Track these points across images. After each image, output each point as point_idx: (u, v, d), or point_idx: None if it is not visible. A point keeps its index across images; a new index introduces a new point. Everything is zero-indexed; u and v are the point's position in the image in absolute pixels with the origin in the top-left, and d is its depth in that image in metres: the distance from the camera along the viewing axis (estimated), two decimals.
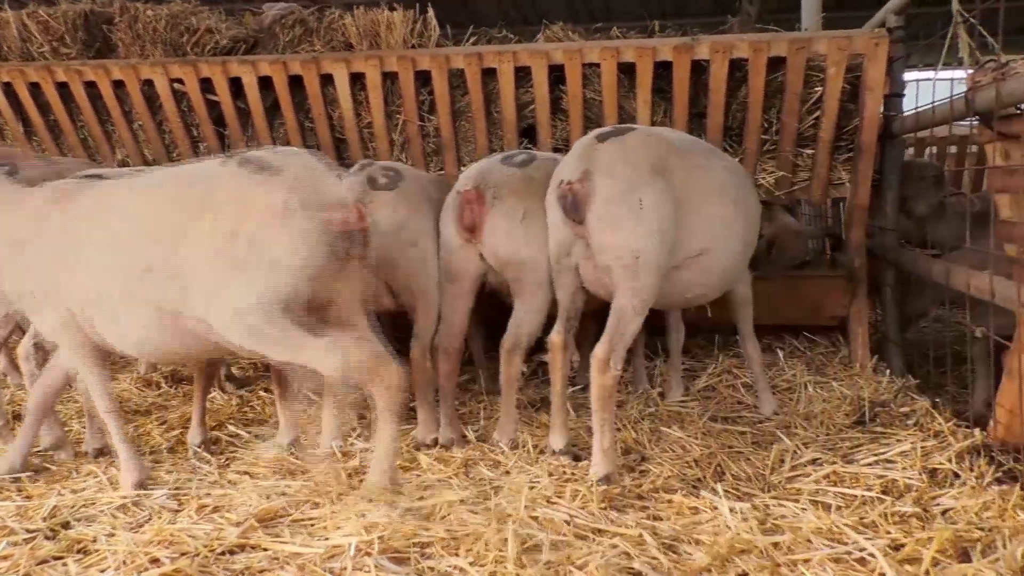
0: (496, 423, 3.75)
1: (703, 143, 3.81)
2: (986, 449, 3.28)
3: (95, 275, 2.98)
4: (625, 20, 11.96)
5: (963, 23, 3.33)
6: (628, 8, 13.75)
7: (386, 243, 3.52)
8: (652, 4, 13.98)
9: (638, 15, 13.54)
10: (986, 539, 2.53)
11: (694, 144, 3.64)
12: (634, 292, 3.17)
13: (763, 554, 2.54)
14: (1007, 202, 3.26)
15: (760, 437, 3.73)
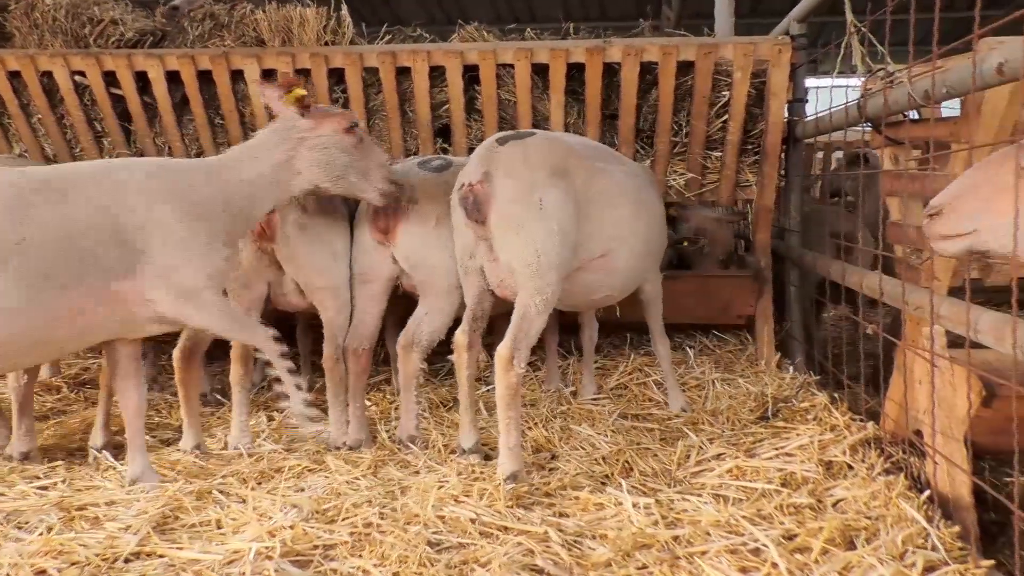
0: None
1: (603, 147, 3.86)
2: (877, 441, 3.43)
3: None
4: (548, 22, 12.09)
5: (856, 33, 3.46)
6: (550, 10, 13.84)
7: (295, 241, 3.47)
8: (575, 6, 14.12)
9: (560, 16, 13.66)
10: (871, 527, 2.65)
11: (594, 148, 3.70)
12: (536, 291, 3.20)
13: (664, 547, 2.60)
14: (896, 205, 3.41)
15: (668, 434, 3.81)
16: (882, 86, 3.17)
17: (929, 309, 2.71)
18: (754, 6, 13.51)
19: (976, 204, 2.11)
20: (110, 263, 2.80)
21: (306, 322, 4.67)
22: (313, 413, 3.35)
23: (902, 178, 3.22)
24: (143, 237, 2.86)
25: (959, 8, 13.01)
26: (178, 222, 2.92)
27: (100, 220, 2.79)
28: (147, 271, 2.88)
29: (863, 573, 2.34)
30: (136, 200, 2.88)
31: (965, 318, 2.40)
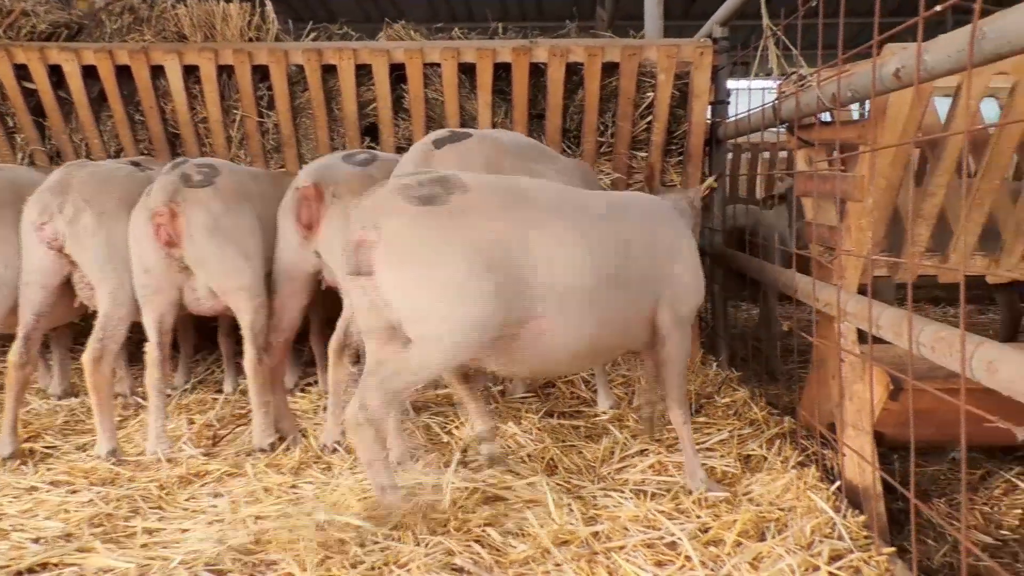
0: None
1: (537, 145, 3.87)
2: (792, 435, 3.52)
3: None
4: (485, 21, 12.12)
5: (772, 37, 3.55)
6: (491, 11, 13.84)
7: (203, 244, 3.39)
8: (512, 6, 14.14)
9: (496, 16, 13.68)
10: (783, 519, 2.72)
11: (529, 147, 3.70)
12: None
13: (583, 544, 2.63)
14: (811, 205, 3.51)
15: (593, 431, 3.84)
16: (794, 89, 3.26)
17: (836, 306, 2.80)
18: (686, 9, 13.73)
19: None
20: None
21: (228, 324, 4.58)
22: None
23: (814, 179, 3.32)
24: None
25: (870, 14, 13.38)
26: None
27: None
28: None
29: (772, 563, 2.41)
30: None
31: (867, 315, 2.49)
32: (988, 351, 1.83)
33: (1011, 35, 1.72)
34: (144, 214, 3.38)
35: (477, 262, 2.50)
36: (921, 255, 3.30)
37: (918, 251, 3.26)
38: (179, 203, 3.32)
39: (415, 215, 2.53)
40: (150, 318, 3.48)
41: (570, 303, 2.66)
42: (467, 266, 2.49)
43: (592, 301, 2.69)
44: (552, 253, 2.62)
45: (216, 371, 4.87)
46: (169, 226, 3.31)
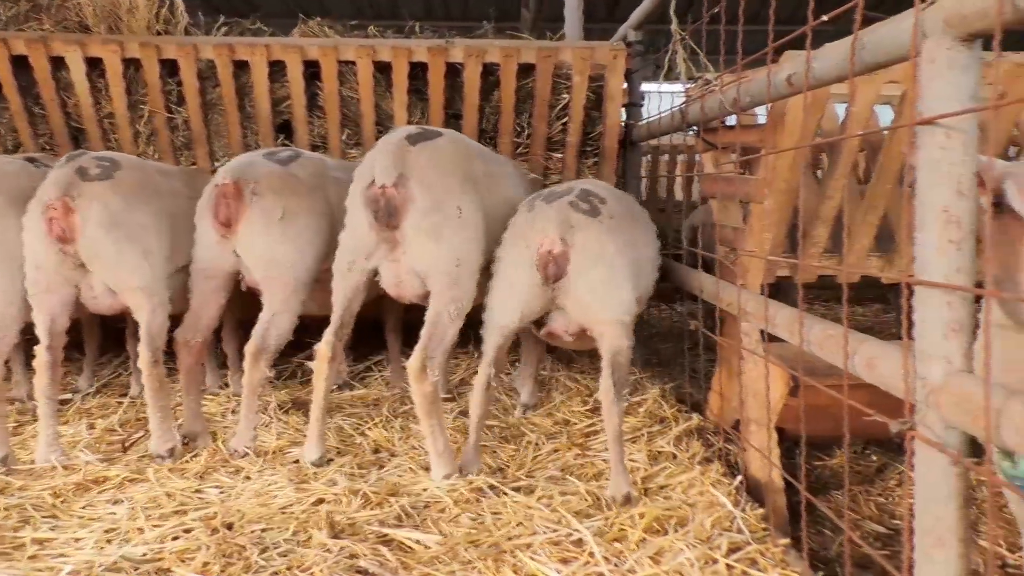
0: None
1: (489, 150, 3.83)
2: (700, 431, 3.60)
3: None
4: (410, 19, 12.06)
5: (681, 41, 3.62)
6: (416, 9, 13.77)
7: (100, 240, 3.27)
8: (437, 6, 14.11)
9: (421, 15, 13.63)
10: (686, 513, 2.78)
11: (488, 151, 3.70)
12: (452, 300, 3.16)
13: (493, 544, 2.63)
14: (717, 206, 3.59)
15: (507, 431, 3.86)
16: (700, 93, 3.33)
17: (737, 306, 2.87)
18: (610, 11, 13.90)
19: None
20: None
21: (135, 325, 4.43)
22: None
23: (719, 181, 3.40)
24: None
25: (778, 22, 13.75)
26: None
27: None
28: None
29: (673, 557, 2.46)
30: None
31: (764, 314, 2.56)
32: (869, 348, 1.91)
33: (887, 46, 1.79)
34: (38, 208, 3.25)
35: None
36: (820, 256, 3.41)
37: (816, 252, 3.38)
38: (74, 197, 3.19)
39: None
40: (40, 319, 3.33)
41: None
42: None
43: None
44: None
45: (123, 374, 4.71)
46: (62, 220, 3.17)
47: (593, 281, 3.07)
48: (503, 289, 3.19)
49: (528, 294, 3.12)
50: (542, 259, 3.05)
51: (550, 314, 3.26)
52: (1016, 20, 1.38)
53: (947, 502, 1.62)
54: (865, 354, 1.92)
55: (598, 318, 3.11)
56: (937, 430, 1.63)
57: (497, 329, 3.22)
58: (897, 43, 1.75)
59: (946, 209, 1.58)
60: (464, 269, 3.15)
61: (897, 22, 1.74)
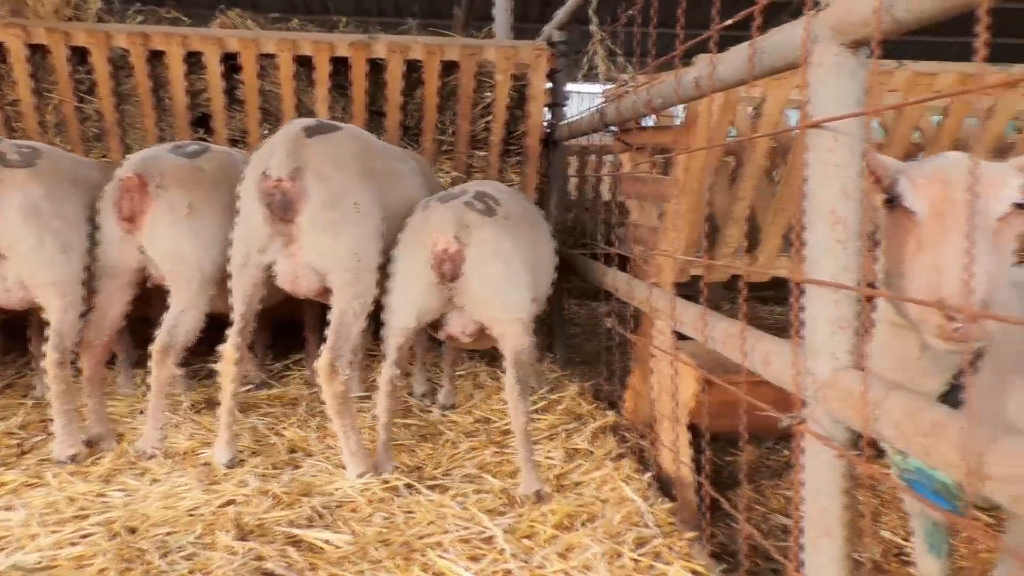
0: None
1: (391, 145, 3.81)
2: (616, 428, 3.65)
3: None
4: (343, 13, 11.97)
5: (600, 42, 3.66)
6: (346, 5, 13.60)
7: (19, 228, 3.15)
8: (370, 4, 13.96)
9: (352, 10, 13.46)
10: (597, 509, 2.81)
11: (389, 146, 3.66)
12: (355, 295, 3.13)
13: (404, 542, 2.62)
14: (635, 206, 3.64)
15: (426, 430, 3.84)
16: (616, 94, 3.37)
17: (648, 304, 2.92)
18: (543, 11, 13.97)
19: None
20: None
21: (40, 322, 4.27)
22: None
23: (636, 181, 3.45)
24: None
25: (697, 25, 14.00)
26: None
27: None
28: None
29: (581, 553, 2.48)
30: None
31: (671, 312, 2.60)
32: (765, 345, 1.96)
33: (783, 51, 1.84)
34: None
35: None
36: (732, 256, 3.49)
37: (729, 252, 3.45)
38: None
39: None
40: None
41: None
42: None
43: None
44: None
45: (28, 374, 4.53)
46: None
47: (490, 280, 3.07)
48: (400, 289, 3.18)
49: (425, 294, 3.12)
50: (437, 258, 3.05)
51: (448, 315, 3.26)
52: (895, 29, 1.43)
53: (833, 494, 1.67)
54: (761, 351, 1.96)
55: (496, 317, 3.12)
56: (824, 424, 1.68)
57: (397, 330, 3.21)
58: (791, 48, 1.79)
59: (833, 210, 1.63)
60: (363, 264, 3.12)
61: (791, 28, 1.79)
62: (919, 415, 1.34)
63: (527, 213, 3.52)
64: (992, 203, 1.58)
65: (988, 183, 1.59)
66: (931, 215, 1.59)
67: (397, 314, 3.22)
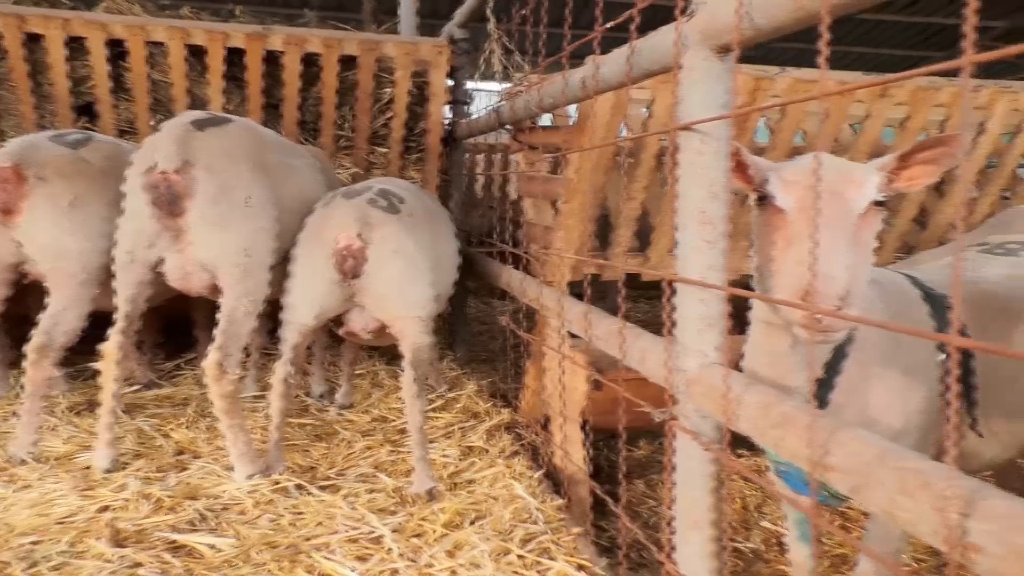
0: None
1: (286, 140, 3.72)
2: (511, 426, 3.67)
3: None
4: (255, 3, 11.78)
5: (497, 40, 3.67)
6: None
7: None
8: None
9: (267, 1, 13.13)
10: (488, 507, 2.82)
11: (284, 141, 3.58)
12: (245, 292, 3.04)
13: (290, 544, 2.57)
14: (531, 205, 3.67)
15: (321, 429, 3.78)
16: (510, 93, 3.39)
17: (539, 302, 2.95)
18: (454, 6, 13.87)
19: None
20: None
21: None
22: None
23: (531, 180, 3.47)
24: None
25: (585, 25, 13.98)
26: None
27: None
28: None
29: (469, 550, 2.49)
30: None
31: (560, 310, 2.64)
32: (642, 343, 2.00)
33: (657, 54, 1.88)
34: None
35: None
36: (624, 255, 3.56)
37: (621, 251, 3.51)
38: None
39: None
40: None
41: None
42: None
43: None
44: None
45: None
46: None
47: (391, 277, 3.06)
48: (300, 285, 3.13)
49: (325, 290, 3.08)
50: (339, 255, 3.01)
51: (349, 312, 3.23)
52: (755, 36, 1.47)
53: (702, 487, 1.72)
54: (639, 348, 2.01)
55: (397, 314, 3.11)
56: (693, 419, 1.73)
57: (295, 327, 3.15)
58: (665, 52, 1.83)
59: (702, 210, 1.68)
60: (255, 260, 3.05)
61: (665, 32, 1.83)
62: (771, 409, 1.39)
63: (430, 211, 3.53)
64: (854, 200, 1.65)
65: (850, 181, 1.66)
66: (797, 211, 1.65)
67: (296, 310, 3.17)
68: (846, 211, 1.64)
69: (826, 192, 1.63)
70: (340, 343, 4.32)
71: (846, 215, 1.63)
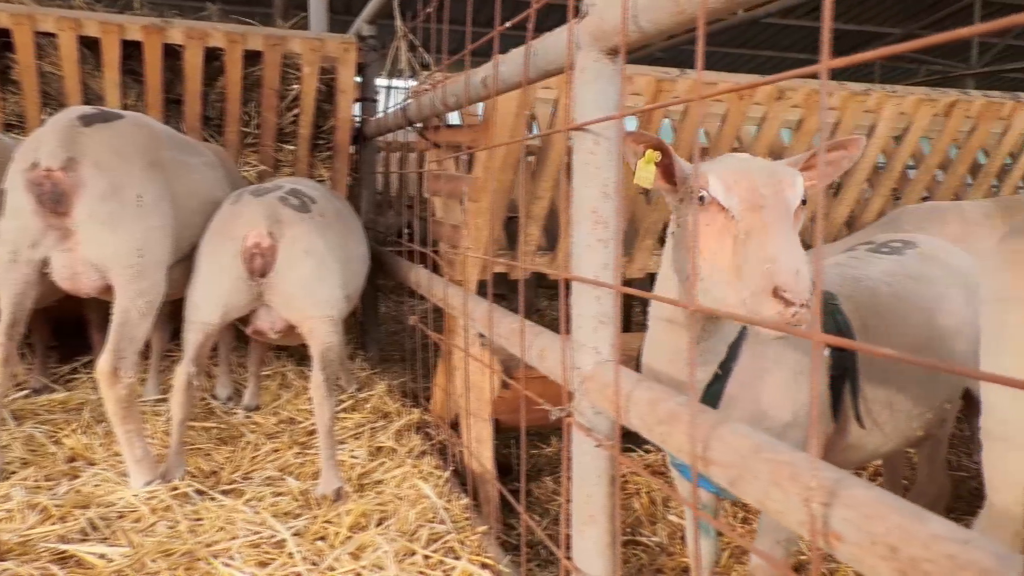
0: None
1: (186, 137, 3.61)
2: (422, 425, 3.66)
3: None
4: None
5: (404, 38, 3.64)
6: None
7: None
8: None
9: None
10: (394, 507, 2.80)
11: (181, 138, 3.46)
12: (139, 293, 2.94)
13: (187, 551, 2.50)
14: (439, 204, 3.66)
15: (227, 432, 3.69)
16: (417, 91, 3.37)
17: (445, 301, 2.94)
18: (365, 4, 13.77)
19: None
20: None
21: None
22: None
23: (439, 179, 3.46)
24: None
25: (485, 23, 14.15)
26: None
27: None
28: None
29: (373, 552, 2.47)
30: None
31: (465, 309, 2.64)
32: (541, 341, 2.02)
33: (552, 55, 1.90)
34: None
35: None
36: (533, 254, 3.58)
37: (530, 250, 3.54)
38: None
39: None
40: None
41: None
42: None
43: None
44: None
45: None
46: None
47: (301, 277, 3.02)
48: (205, 284, 3.05)
49: (233, 289, 3.02)
50: (248, 252, 2.96)
51: (256, 311, 3.16)
52: (642, 39, 1.50)
53: (596, 482, 1.75)
54: (538, 346, 2.02)
55: (307, 314, 3.07)
56: (588, 416, 1.75)
57: (199, 326, 3.07)
58: (560, 53, 1.85)
59: (595, 209, 1.70)
60: (148, 260, 2.96)
61: (559, 33, 1.85)
62: (658, 405, 1.42)
63: (340, 212, 3.51)
64: (791, 199, 1.68)
65: (784, 181, 1.69)
66: (745, 211, 1.66)
67: (200, 309, 3.09)
68: (788, 210, 1.67)
69: (772, 192, 1.66)
70: (247, 344, 4.22)
71: (789, 213, 1.67)
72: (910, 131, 4.03)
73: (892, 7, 12.88)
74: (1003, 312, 1.83)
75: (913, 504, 0.95)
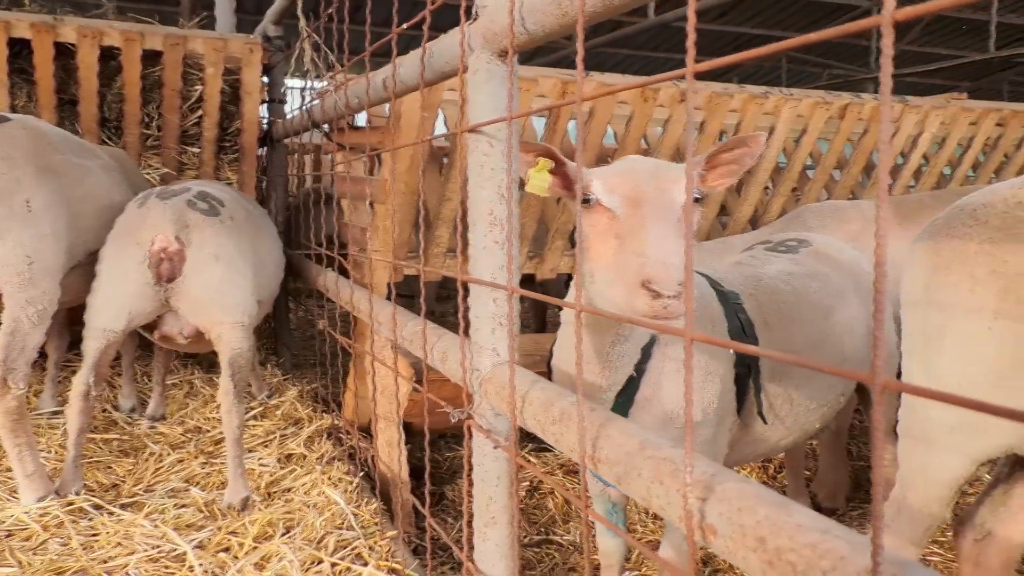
0: None
1: (81, 140, 3.47)
2: (333, 431, 3.60)
3: None
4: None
5: (308, 38, 3.59)
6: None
7: None
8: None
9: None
10: (301, 515, 2.76)
11: (74, 141, 3.32)
12: (29, 302, 2.82)
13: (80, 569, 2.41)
14: (348, 206, 3.61)
15: (129, 444, 3.57)
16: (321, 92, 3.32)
17: (351, 305, 2.91)
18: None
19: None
20: None
21: None
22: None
23: (347, 181, 3.42)
24: None
25: (386, 23, 14.16)
26: None
27: None
28: None
29: (278, 562, 2.42)
30: None
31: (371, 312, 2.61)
32: (443, 343, 2.01)
33: (448, 56, 1.89)
34: None
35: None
36: (443, 256, 3.58)
37: (439, 251, 3.53)
38: None
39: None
40: None
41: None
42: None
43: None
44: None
45: None
46: None
47: (210, 282, 2.95)
48: (108, 289, 2.95)
49: (138, 295, 2.92)
50: (155, 257, 2.87)
51: (163, 316, 3.07)
52: (530, 41, 1.51)
53: (496, 484, 1.75)
54: (440, 348, 2.02)
55: (216, 320, 2.99)
56: (488, 417, 1.75)
57: (100, 333, 2.96)
58: (455, 55, 1.85)
59: (491, 211, 1.70)
60: (38, 268, 2.85)
61: (453, 35, 1.84)
62: (551, 405, 1.43)
63: (252, 215, 3.44)
64: (677, 197, 1.71)
65: (670, 180, 1.73)
66: (625, 209, 1.69)
67: (102, 315, 2.98)
68: (670, 207, 1.70)
69: (653, 190, 1.69)
70: (152, 352, 4.09)
71: (671, 210, 1.70)
72: (807, 132, 4.18)
73: (796, 12, 13.34)
74: (927, 316, 1.93)
75: (781, 496, 0.99)
